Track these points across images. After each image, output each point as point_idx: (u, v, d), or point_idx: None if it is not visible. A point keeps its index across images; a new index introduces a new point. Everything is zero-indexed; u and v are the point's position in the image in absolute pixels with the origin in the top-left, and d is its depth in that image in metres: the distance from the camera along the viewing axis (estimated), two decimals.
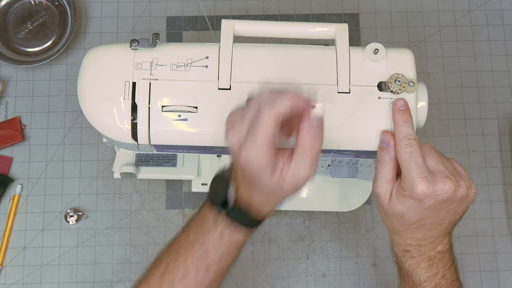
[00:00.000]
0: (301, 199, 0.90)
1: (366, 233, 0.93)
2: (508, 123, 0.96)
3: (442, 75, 0.98)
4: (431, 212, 0.60)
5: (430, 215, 0.61)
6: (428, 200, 0.59)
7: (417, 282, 0.64)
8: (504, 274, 0.91)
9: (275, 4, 1.00)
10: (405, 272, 0.66)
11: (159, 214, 0.93)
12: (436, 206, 0.60)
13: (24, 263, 0.90)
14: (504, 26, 1.00)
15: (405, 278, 0.66)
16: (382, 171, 0.62)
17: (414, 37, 0.99)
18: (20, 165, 0.94)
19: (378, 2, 1.01)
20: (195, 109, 0.63)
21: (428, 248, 0.64)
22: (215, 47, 0.65)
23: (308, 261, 0.92)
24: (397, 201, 0.61)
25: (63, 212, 0.92)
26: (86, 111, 0.65)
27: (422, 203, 0.59)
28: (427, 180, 0.58)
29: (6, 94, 0.96)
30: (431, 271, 0.64)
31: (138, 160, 0.88)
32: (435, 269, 0.64)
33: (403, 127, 0.60)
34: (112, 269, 0.91)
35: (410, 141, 0.59)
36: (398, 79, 0.62)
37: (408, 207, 0.60)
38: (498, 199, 0.94)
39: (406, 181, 0.59)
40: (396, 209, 0.61)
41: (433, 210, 0.60)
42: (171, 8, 1.00)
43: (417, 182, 0.58)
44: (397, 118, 0.60)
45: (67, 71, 0.97)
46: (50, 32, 0.98)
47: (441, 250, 0.64)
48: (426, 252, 0.64)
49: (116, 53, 0.65)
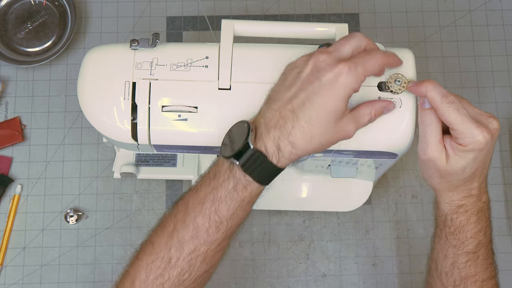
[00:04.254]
0: (301, 199, 0.90)
1: (366, 233, 0.93)
2: (508, 123, 0.96)
3: (442, 75, 0.98)
4: (487, 155, 0.62)
5: (486, 159, 0.62)
6: (488, 144, 0.60)
7: (463, 239, 0.66)
8: (504, 274, 0.91)
9: (275, 4, 1.00)
10: (453, 230, 0.66)
11: (159, 214, 0.93)
12: (491, 148, 0.61)
13: (24, 263, 0.90)
14: (504, 26, 1.00)
15: (449, 238, 0.66)
16: (432, 133, 0.61)
17: (414, 37, 0.99)
18: (20, 165, 0.94)
19: (378, 2, 1.01)
20: (195, 109, 0.63)
21: (476, 198, 0.65)
22: (215, 47, 0.65)
23: (308, 261, 0.92)
24: (458, 158, 0.61)
25: (63, 212, 0.92)
26: (86, 111, 0.65)
27: (483, 150, 0.60)
28: (483, 126, 0.59)
29: (6, 94, 0.96)
30: (477, 227, 0.66)
31: (138, 160, 0.88)
32: (480, 225, 0.66)
33: (433, 90, 0.59)
34: (112, 269, 0.91)
35: (450, 98, 0.59)
36: (398, 79, 0.62)
37: (470, 159, 0.60)
38: (498, 199, 0.94)
39: (465, 136, 0.59)
40: (458, 166, 0.61)
41: (489, 153, 0.62)
42: (171, 8, 1.00)
43: (477, 133, 0.58)
44: (422, 89, 0.60)
45: (67, 71, 0.97)
46: (50, 32, 0.98)
47: (486, 201, 0.66)
48: (476, 204, 0.65)
49: (116, 53, 0.65)
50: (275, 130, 0.57)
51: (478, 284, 0.66)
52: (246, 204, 0.60)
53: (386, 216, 0.93)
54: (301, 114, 0.57)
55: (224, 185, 0.59)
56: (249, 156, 0.57)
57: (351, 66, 0.56)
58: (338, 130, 0.58)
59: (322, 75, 0.57)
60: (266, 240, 0.92)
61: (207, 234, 0.60)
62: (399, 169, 0.95)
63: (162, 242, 0.61)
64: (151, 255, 0.61)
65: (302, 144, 0.57)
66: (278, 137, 0.57)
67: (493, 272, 0.68)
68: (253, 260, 0.91)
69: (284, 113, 0.58)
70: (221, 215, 0.60)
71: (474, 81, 0.98)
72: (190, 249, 0.60)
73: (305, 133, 0.57)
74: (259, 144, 0.58)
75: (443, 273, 0.68)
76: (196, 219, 0.60)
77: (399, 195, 0.94)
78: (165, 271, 0.60)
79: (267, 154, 0.57)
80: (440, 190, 0.66)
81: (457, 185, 0.64)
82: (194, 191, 0.62)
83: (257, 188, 0.60)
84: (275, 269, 0.91)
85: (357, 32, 0.60)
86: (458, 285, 0.67)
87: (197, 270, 0.61)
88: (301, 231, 0.92)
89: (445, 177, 0.63)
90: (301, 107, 0.57)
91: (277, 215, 0.93)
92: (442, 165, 0.62)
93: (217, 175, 0.60)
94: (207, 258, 0.61)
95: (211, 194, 0.60)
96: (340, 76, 0.56)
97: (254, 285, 0.91)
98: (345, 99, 0.57)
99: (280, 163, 0.58)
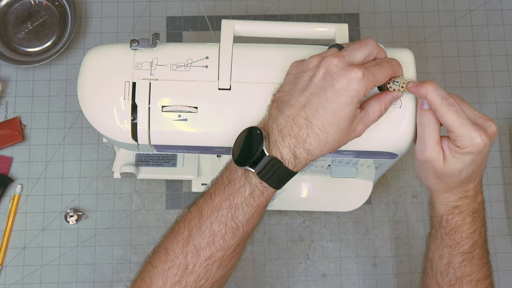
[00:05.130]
0: (301, 199, 0.90)
1: (366, 233, 0.93)
2: (508, 123, 0.96)
3: (442, 75, 0.98)
4: (484, 158, 0.62)
5: (482, 161, 0.62)
6: (486, 147, 0.60)
7: (458, 239, 0.66)
8: (504, 274, 0.91)
9: (275, 4, 1.00)
10: (448, 230, 0.66)
11: (159, 214, 0.93)
12: (488, 150, 0.61)
13: (24, 263, 0.90)
14: (504, 26, 1.00)
15: (444, 238, 0.67)
16: (431, 134, 0.61)
17: (414, 37, 0.99)
18: (20, 165, 0.94)
19: (378, 2, 1.01)
20: (195, 109, 0.63)
21: (472, 199, 0.65)
22: (215, 47, 0.65)
23: (308, 261, 0.92)
24: (455, 160, 0.61)
25: (63, 212, 0.92)
26: (86, 111, 0.65)
27: (480, 153, 0.60)
28: (481, 129, 0.59)
29: (6, 94, 0.96)
30: (472, 227, 0.66)
31: (138, 160, 0.88)
32: (475, 225, 0.66)
33: (434, 92, 0.59)
34: (112, 269, 0.91)
35: (449, 101, 0.59)
36: (396, 80, 0.62)
37: (467, 162, 0.61)
38: (498, 199, 0.94)
39: (464, 138, 0.59)
40: (455, 168, 0.61)
41: (486, 155, 0.62)
42: (171, 8, 1.00)
43: (476, 136, 0.58)
44: (422, 90, 0.60)
45: (67, 71, 0.97)
46: (50, 32, 0.98)
47: (481, 201, 0.66)
48: (471, 204, 0.65)
49: (116, 53, 0.65)
50: (290, 138, 0.57)
51: (473, 284, 0.67)
52: (261, 209, 0.61)
53: (386, 216, 0.93)
54: (315, 121, 0.57)
55: (240, 192, 0.59)
56: (265, 163, 0.57)
57: (365, 73, 0.56)
58: (349, 132, 0.59)
59: (336, 81, 0.57)
60: (266, 240, 0.92)
61: (223, 240, 0.60)
62: (399, 169, 0.95)
63: (178, 249, 0.61)
64: (167, 262, 0.61)
65: (317, 151, 0.58)
66: (294, 145, 0.57)
67: (488, 272, 0.68)
68: (253, 260, 0.91)
69: (297, 120, 0.57)
70: (238, 221, 0.60)
71: (474, 81, 0.98)
72: (206, 256, 0.60)
73: (320, 140, 0.57)
74: (274, 151, 0.58)
75: (438, 273, 0.68)
76: (212, 226, 0.60)
77: (399, 195, 0.94)
78: (182, 278, 0.60)
79: (283, 161, 0.57)
80: (436, 191, 0.66)
81: (453, 187, 0.64)
82: (208, 197, 0.61)
83: (273, 192, 0.60)
84: (275, 269, 0.91)
85: (371, 40, 0.60)
86: (453, 285, 0.67)
87: (214, 276, 0.61)
88: (301, 231, 0.92)
89: (442, 178, 0.63)
90: (314, 114, 0.57)
91: (277, 215, 0.93)
92: (439, 166, 0.62)
93: (232, 182, 0.60)
94: (223, 263, 0.61)
95: (227, 201, 0.60)
96: (353, 83, 0.56)
97: (254, 285, 0.91)
98: (356, 104, 0.57)
99: (296, 168, 0.58)
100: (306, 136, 0.57)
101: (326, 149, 0.58)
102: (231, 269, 0.64)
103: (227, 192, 0.60)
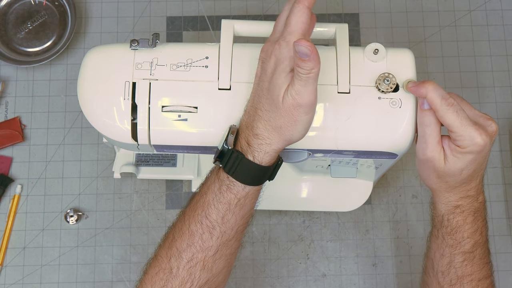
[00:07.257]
0: (301, 199, 0.90)
1: (366, 233, 0.93)
2: (508, 123, 0.96)
3: (442, 75, 0.98)
4: (485, 157, 0.62)
5: (483, 160, 0.62)
6: (486, 147, 0.60)
7: (459, 239, 0.66)
8: (504, 274, 0.91)
9: (275, 4, 1.00)
10: (449, 230, 0.66)
11: (159, 214, 0.93)
12: (488, 150, 0.61)
13: (24, 263, 0.90)
14: (504, 26, 1.00)
15: (446, 237, 0.67)
16: (432, 134, 0.61)
17: (414, 37, 0.99)
18: (20, 165, 0.94)
19: (378, 2, 1.01)
20: (195, 109, 0.63)
21: (473, 199, 0.65)
22: (215, 47, 0.65)
23: (308, 261, 0.92)
24: (456, 159, 0.61)
25: (63, 212, 0.92)
26: (86, 111, 0.65)
27: (481, 152, 0.60)
28: (481, 129, 0.59)
29: (6, 94, 0.96)
30: (473, 227, 0.66)
31: (138, 160, 0.88)
32: (476, 225, 0.66)
33: (433, 92, 0.59)
34: (112, 269, 0.91)
35: (449, 101, 0.58)
36: (387, 78, 0.62)
37: (467, 162, 0.61)
38: (498, 199, 0.94)
39: (464, 138, 0.59)
40: (456, 167, 0.61)
41: (487, 155, 0.62)
42: (171, 8, 1.00)
43: (476, 135, 0.58)
44: (422, 90, 0.60)
45: (67, 71, 0.97)
46: (50, 32, 0.98)
47: (482, 201, 0.66)
48: (472, 204, 0.65)
49: (116, 53, 0.65)
50: (246, 129, 0.60)
51: (474, 283, 0.67)
52: (234, 207, 0.60)
53: (386, 216, 0.93)
54: (259, 105, 0.59)
55: (211, 188, 0.60)
56: (228, 156, 0.59)
57: (279, 42, 0.57)
58: (285, 106, 0.57)
59: (266, 65, 0.59)
60: (266, 240, 0.92)
61: (201, 240, 0.60)
62: (399, 169, 0.95)
63: (163, 253, 0.62)
64: (155, 268, 0.62)
65: (265, 133, 0.58)
66: (247, 134, 0.59)
67: (489, 272, 0.68)
68: (253, 260, 0.91)
69: (248, 110, 0.60)
70: (212, 220, 0.60)
71: (474, 81, 0.98)
72: (188, 257, 0.61)
73: (264, 120, 0.58)
74: (237, 145, 0.60)
75: (439, 272, 0.68)
76: (190, 226, 0.61)
77: (399, 195, 0.94)
78: (167, 282, 0.61)
79: (243, 153, 0.59)
80: (437, 191, 0.66)
81: (454, 186, 0.64)
82: (191, 197, 0.63)
83: (242, 189, 0.60)
84: (275, 269, 0.91)
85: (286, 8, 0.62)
86: (454, 284, 0.67)
87: (198, 279, 0.61)
88: (301, 231, 0.92)
89: (443, 178, 0.63)
90: (257, 99, 0.59)
91: (277, 215, 0.93)
92: (440, 166, 0.62)
93: (207, 179, 0.62)
94: (207, 265, 0.61)
95: (201, 199, 0.61)
96: (274, 57, 0.58)
97: (254, 285, 0.91)
98: (284, 71, 0.57)
99: (256, 159, 0.59)
100: (253, 121, 0.59)
101: (272, 129, 0.58)
102: (219, 275, 0.63)
103: (202, 190, 0.62)
